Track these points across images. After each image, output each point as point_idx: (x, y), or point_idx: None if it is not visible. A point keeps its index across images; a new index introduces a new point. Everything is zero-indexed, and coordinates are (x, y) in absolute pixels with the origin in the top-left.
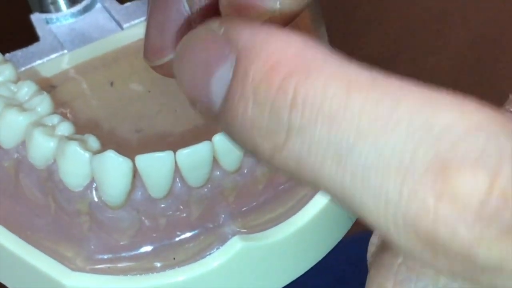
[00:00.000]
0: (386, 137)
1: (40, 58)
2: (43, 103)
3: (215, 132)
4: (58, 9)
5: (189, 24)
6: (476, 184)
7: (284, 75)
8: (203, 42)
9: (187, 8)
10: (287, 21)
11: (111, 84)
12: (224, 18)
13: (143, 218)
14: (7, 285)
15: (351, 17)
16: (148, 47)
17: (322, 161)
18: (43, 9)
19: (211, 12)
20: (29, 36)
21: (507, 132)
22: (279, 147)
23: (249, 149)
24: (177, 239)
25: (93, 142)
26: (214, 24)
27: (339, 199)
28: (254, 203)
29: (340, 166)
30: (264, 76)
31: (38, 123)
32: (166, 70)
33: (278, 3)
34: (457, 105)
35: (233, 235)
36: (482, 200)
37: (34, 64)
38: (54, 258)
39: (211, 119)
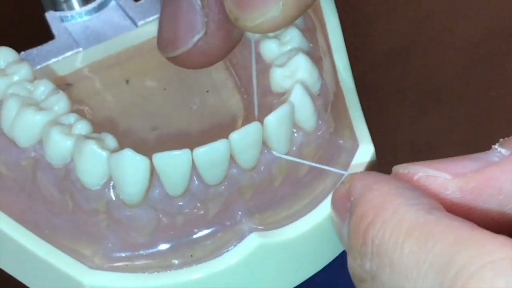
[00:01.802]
0: (421, 280)
1: (55, 56)
2: (59, 102)
3: (231, 130)
4: (71, 7)
5: (201, 16)
6: None
7: (365, 228)
8: (338, 193)
9: (198, 1)
10: (288, 22)
11: (127, 81)
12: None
13: (161, 216)
14: (26, 283)
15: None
16: (162, 39)
17: None
18: (56, 8)
19: (220, 4)
20: (44, 35)
21: None
22: None
23: None
24: (194, 236)
25: (110, 141)
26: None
27: None
28: (271, 200)
29: None
30: (353, 225)
31: (55, 122)
32: (180, 61)
33: (279, 9)
34: (478, 245)
35: (250, 232)
36: None
37: (50, 62)
38: (72, 257)
39: None
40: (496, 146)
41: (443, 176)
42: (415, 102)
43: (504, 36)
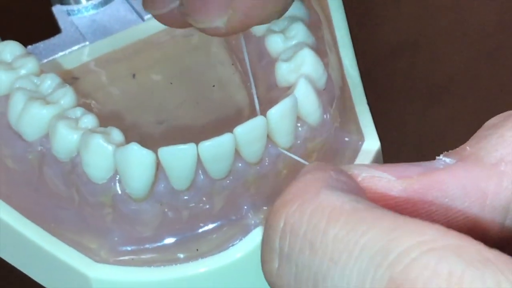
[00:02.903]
0: (352, 263)
1: (62, 50)
2: (66, 96)
3: (237, 124)
4: (77, 1)
5: None
6: None
7: (278, 207)
8: None
9: None
10: (232, 34)
11: (133, 76)
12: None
13: (166, 210)
14: (32, 277)
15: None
16: None
17: None
18: (63, 2)
19: None
20: (50, 28)
21: (460, 255)
22: (273, 274)
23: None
24: (200, 230)
25: (116, 135)
26: None
27: None
28: (277, 194)
29: None
30: (272, 207)
31: (62, 116)
32: (168, 20)
33: (223, 22)
34: (419, 232)
35: (256, 226)
36: None
37: (56, 56)
38: (78, 250)
39: None
40: (440, 156)
41: (387, 178)
42: (423, 95)
43: None
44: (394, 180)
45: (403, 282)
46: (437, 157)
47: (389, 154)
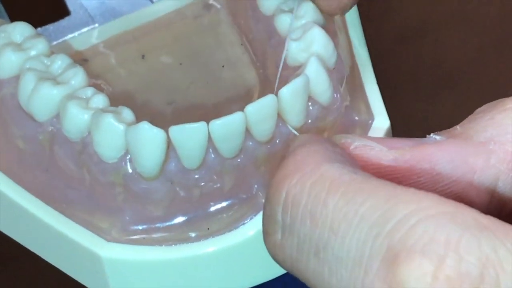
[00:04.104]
0: (351, 233)
1: (71, 32)
2: (76, 76)
3: (247, 103)
4: None
5: None
6: (421, 272)
7: (279, 180)
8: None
9: None
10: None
11: (143, 57)
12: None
13: (177, 189)
14: (43, 257)
15: None
16: None
17: (307, 260)
18: None
19: None
20: (60, 10)
21: (457, 221)
22: (276, 246)
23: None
24: (211, 209)
25: (127, 114)
26: None
27: None
28: None
29: (319, 262)
30: (272, 180)
31: (72, 96)
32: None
33: None
34: (415, 200)
35: None
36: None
37: (66, 38)
38: (90, 230)
39: None
40: (431, 135)
41: (379, 147)
42: (430, 83)
43: None
44: (386, 150)
45: (401, 250)
46: (427, 135)
47: None
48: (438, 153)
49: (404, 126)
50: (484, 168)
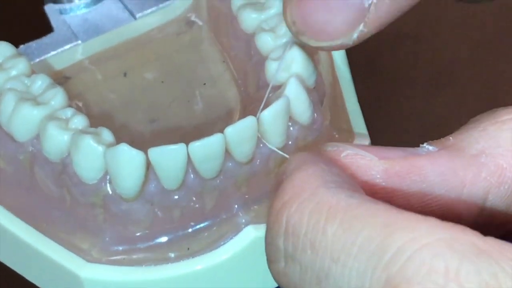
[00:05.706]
0: (351, 263)
1: (54, 49)
2: (56, 97)
3: (229, 122)
4: (70, 0)
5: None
6: None
7: (278, 208)
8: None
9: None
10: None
11: (125, 74)
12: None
13: (157, 210)
14: (24, 276)
15: None
16: (312, 24)
17: None
18: (55, 0)
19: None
20: (43, 27)
21: (454, 248)
22: (280, 274)
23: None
24: (191, 229)
25: (107, 135)
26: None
27: None
28: (267, 193)
29: None
30: (271, 203)
31: (52, 117)
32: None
33: (352, 38)
34: (411, 227)
35: (247, 225)
36: None
37: (49, 55)
38: (70, 250)
39: None
40: (424, 144)
41: (369, 157)
42: (426, 83)
43: None
44: (376, 160)
45: (400, 282)
46: (420, 145)
47: (393, 140)
48: (428, 166)
49: (401, 124)
50: (474, 182)
